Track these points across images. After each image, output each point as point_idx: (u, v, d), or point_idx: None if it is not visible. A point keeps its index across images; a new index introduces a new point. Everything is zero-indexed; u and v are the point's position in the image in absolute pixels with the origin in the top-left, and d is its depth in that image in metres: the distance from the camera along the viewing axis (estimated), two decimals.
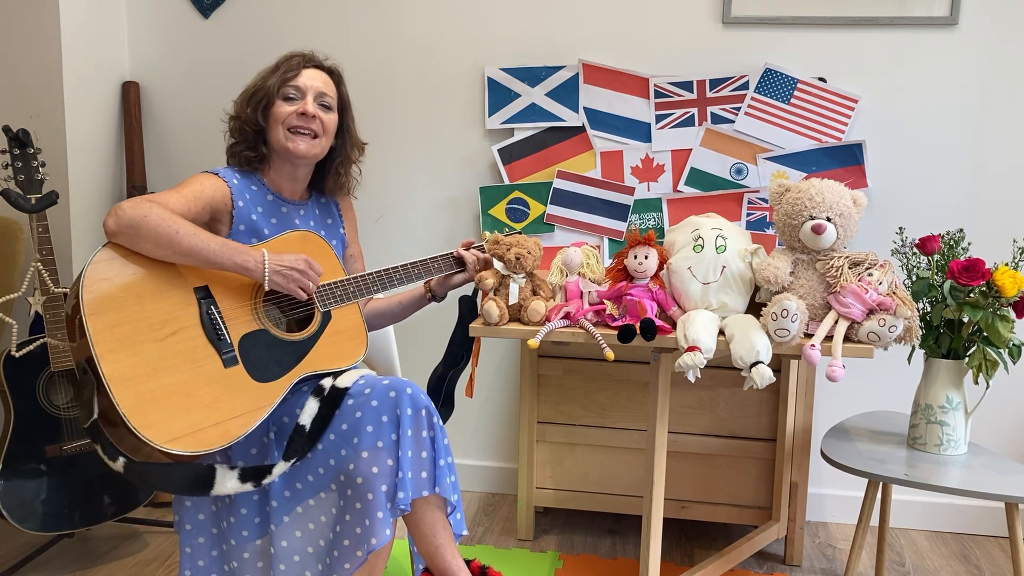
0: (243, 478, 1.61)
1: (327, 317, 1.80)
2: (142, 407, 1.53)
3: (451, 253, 1.98)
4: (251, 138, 1.85)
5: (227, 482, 1.60)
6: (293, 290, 1.72)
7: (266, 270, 1.69)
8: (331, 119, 1.88)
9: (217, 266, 1.67)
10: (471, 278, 1.97)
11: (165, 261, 1.65)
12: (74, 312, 1.57)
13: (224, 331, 1.67)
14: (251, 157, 1.86)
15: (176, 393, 1.57)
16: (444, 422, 1.94)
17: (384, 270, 1.89)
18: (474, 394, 2.84)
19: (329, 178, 1.96)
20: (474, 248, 1.99)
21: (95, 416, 1.54)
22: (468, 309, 2.00)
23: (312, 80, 1.86)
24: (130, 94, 2.79)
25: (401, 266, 1.91)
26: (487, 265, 1.96)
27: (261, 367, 1.69)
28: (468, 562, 1.73)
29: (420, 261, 1.94)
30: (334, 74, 1.92)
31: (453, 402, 2.01)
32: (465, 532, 1.79)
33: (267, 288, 1.70)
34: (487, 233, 2.02)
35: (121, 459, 1.56)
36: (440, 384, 1.99)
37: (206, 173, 1.81)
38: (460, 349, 1.99)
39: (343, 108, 1.93)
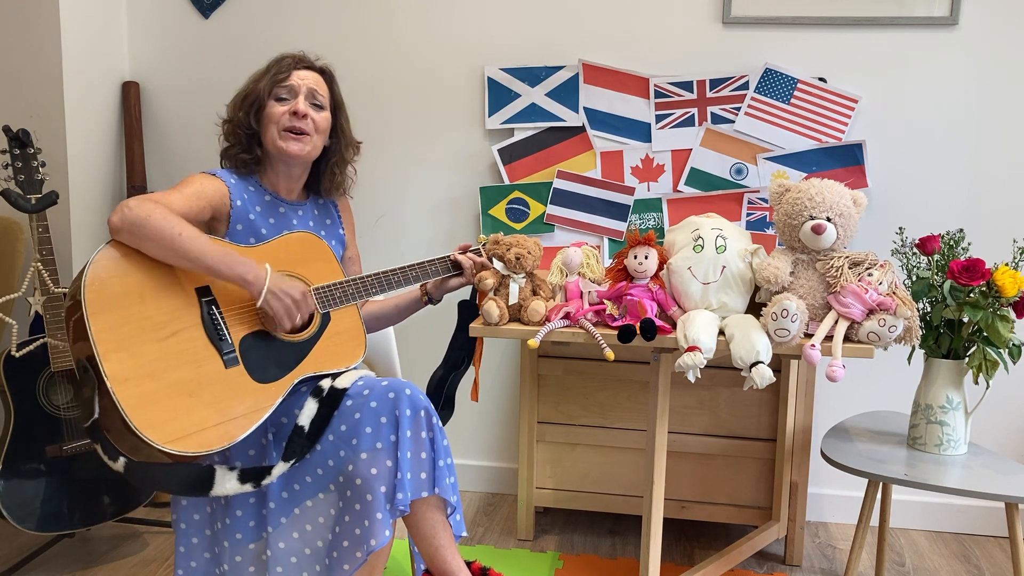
0: (243, 479, 1.61)
1: (326, 318, 1.81)
2: (143, 407, 1.53)
3: (448, 256, 1.98)
4: (244, 141, 1.86)
5: (227, 483, 1.60)
6: (280, 316, 1.69)
7: (265, 287, 1.67)
8: (323, 117, 1.88)
9: (216, 273, 1.65)
10: (468, 282, 1.97)
11: (166, 263, 1.65)
12: (75, 309, 1.56)
13: (225, 332, 1.67)
14: (246, 159, 1.86)
15: (177, 393, 1.57)
16: (444, 424, 1.95)
17: (382, 272, 1.90)
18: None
19: (324, 178, 1.95)
20: (471, 252, 1.99)
21: (96, 415, 1.54)
22: (468, 313, 2.01)
23: (303, 80, 1.85)
24: (130, 94, 2.79)
25: (399, 268, 1.91)
26: (483, 269, 1.96)
27: (261, 368, 1.69)
28: (469, 563, 1.73)
29: (417, 264, 1.94)
30: (325, 74, 1.92)
31: (453, 404, 2.02)
32: (464, 533, 1.79)
33: (258, 305, 1.68)
34: (483, 236, 2.03)
35: (121, 459, 1.56)
36: (440, 387, 1.99)
37: (203, 174, 1.82)
38: (460, 353, 2.00)
39: (336, 107, 1.93)
